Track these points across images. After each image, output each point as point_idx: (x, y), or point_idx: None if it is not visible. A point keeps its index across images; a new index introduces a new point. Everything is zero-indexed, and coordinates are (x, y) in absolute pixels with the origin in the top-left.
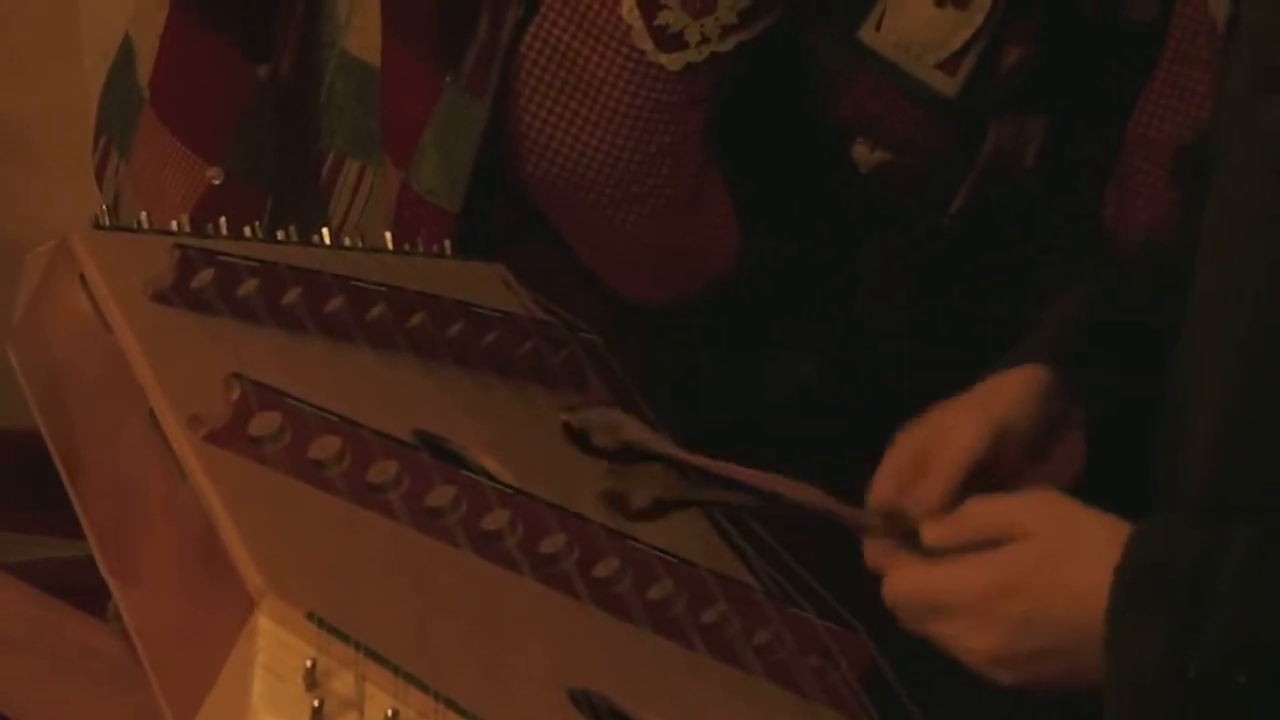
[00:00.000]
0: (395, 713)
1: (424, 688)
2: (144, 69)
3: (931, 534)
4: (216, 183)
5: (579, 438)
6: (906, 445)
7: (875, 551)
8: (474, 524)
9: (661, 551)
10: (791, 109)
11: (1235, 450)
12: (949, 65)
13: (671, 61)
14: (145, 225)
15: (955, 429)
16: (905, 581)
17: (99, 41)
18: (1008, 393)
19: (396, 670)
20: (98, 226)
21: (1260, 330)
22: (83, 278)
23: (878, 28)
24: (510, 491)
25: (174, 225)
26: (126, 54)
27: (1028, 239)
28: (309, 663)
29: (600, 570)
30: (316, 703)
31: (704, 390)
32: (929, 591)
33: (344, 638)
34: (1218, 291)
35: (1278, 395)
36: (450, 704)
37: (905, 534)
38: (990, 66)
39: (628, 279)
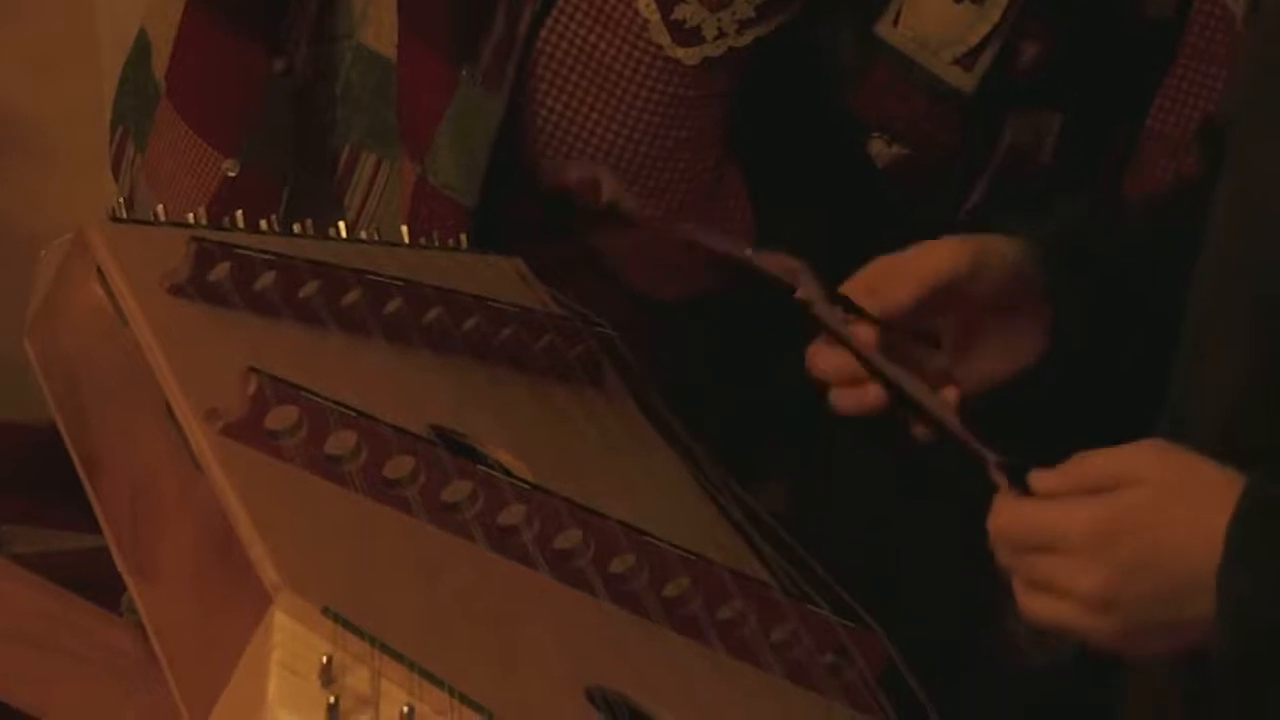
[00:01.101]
0: (411, 708)
1: (439, 684)
2: (160, 62)
3: (1042, 481)
4: (232, 175)
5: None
6: (886, 258)
7: (819, 355)
8: (490, 519)
9: (678, 548)
10: (808, 103)
11: (1254, 416)
12: (966, 60)
13: (688, 56)
14: (162, 218)
15: (935, 247)
16: (1015, 513)
17: (116, 39)
18: (994, 240)
19: (412, 666)
20: (114, 219)
21: (1275, 295)
22: (99, 270)
23: (895, 22)
24: (526, 487)
25: (190, 218)
26: (142, 47)
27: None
28: (325, 658)
29: (616, 567)
30: (332, 699)
31: (718, 383)
32: (1040, 524)
33: (360, 633)
34: (1240, 256)
35: None
36: (465, 700)
37: (1012, 475)
38: (1007, 62)
39: (642, 273)
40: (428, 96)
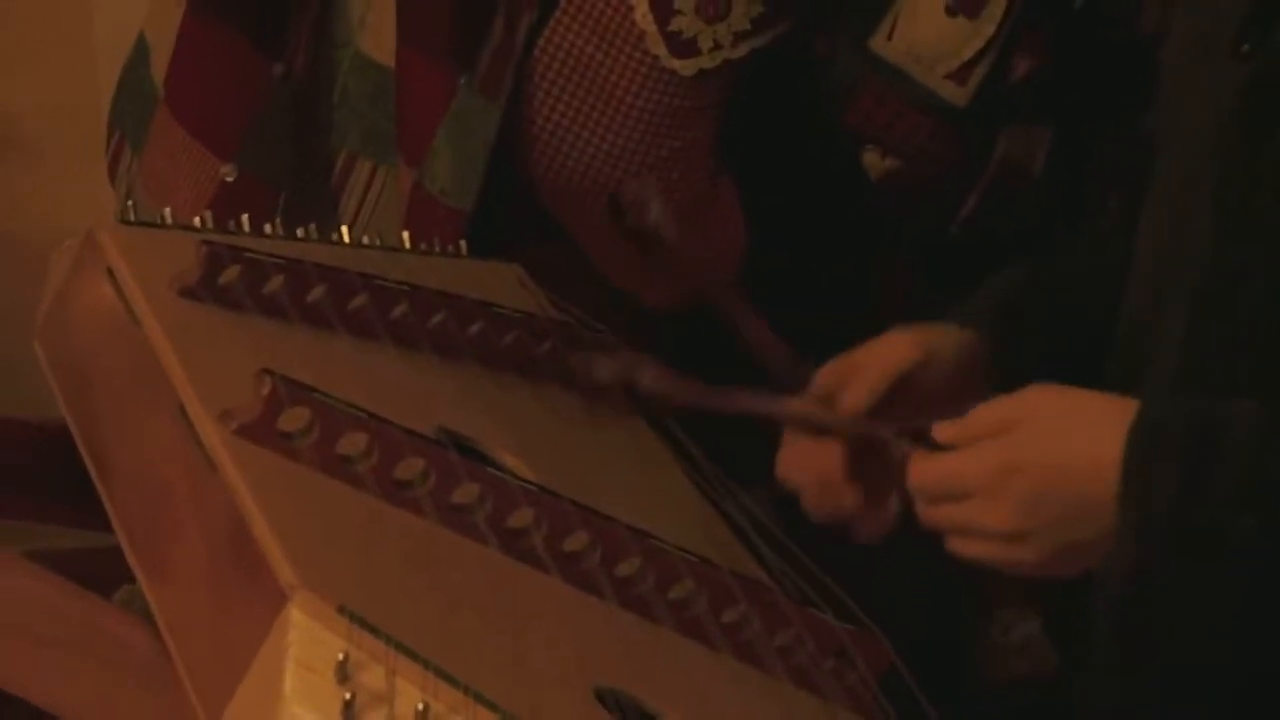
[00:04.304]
0: (425, 706)
1: (454, 682)
2: (159, 66)
3: (943, 432)
4: (230, 180)
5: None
6: (847, 356)
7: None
8: (499, 521)
9: (683, 551)
10: (802, 116)
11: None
12: (960, 75)
13: (684, 67)
14: (169, 221)
15: (888, 345)
16: (923, 468)
17: (112, 40)
18: (940, 333)
19: (426, 664)
20: (124, 221)
21: (1210, 278)
22: (110, 272)
23: (889, 37)
24: (535, 489)
25: (197, 221)
26: (141, 51)
27: (1034, 247)
28: (341, 656)
29: (623, 569)
30: (348, 696)
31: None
32: (946, 474)
33: (375, 632)
34: (1169, 248)
35: (1228, 342)
36: (479, 698)
37: (919, 439)
38: (1000, 77)
39: (636, 282)
40: (426, 104)
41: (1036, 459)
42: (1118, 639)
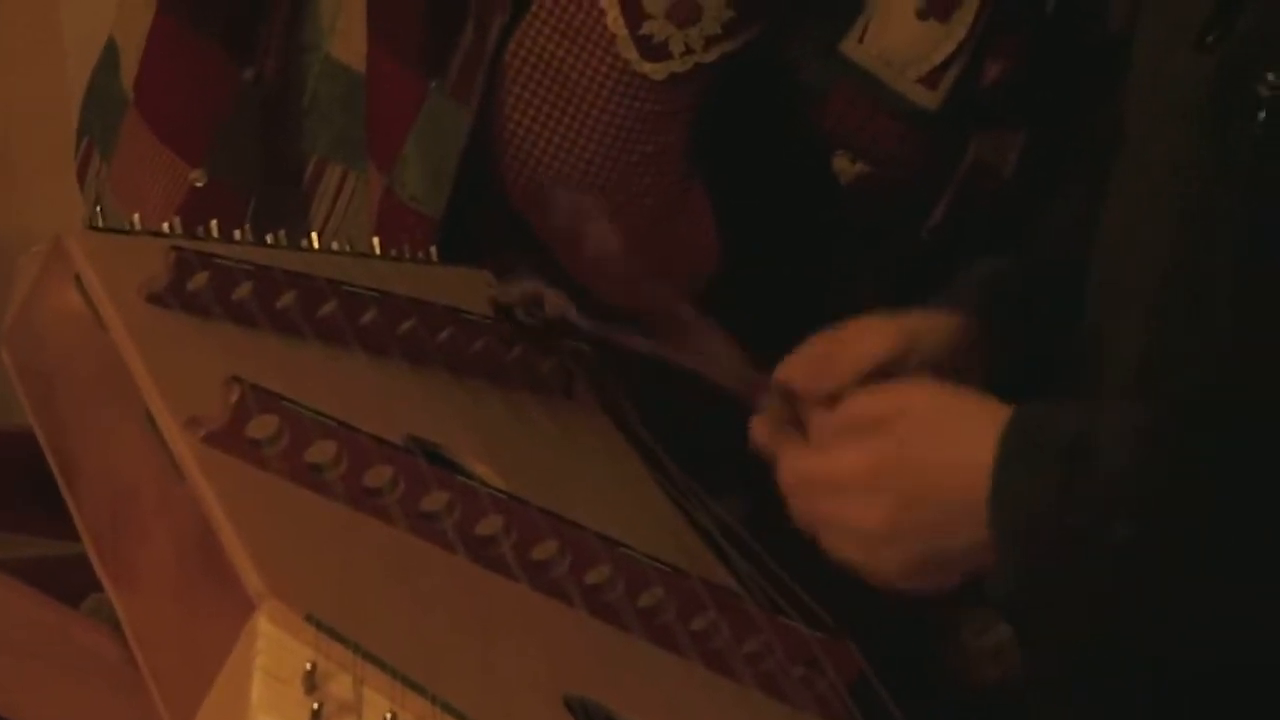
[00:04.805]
0: (393, 715)
1: (422, 691)
2: (128, 71)
3: (818, 420)
4: (199, 185)
5: (506, 312)
6: (821, 339)
7: (761, 430)
8: (468, 529)
9: (652, 559)
10: (773, 120)
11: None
12: (931, 79)
13: (655, 71)
14: (138, 227)
15: (867, 330)
16: (794, 463)
17: (81, 44)
18: (922, 318)
19: (394, 673)
20: (92, 227)
21: (1173, 272)
22: (78, 278)
23: (860, 40)
24: (504, 497)
25: (166, 227)
26: (110, 56)
27: (1004, 251)
28: (308, 665)
29: (592, 577)
30: (316, 705)
31: (685, 396)
32: (817, 470)
33: (343, 640)
34: (1130, 241)
35: (1190, 340)
36: (448, 708)
37: (796, 421)
38: (972, 80)
39: (606, 287)
40: (396, 108)
41: (913, 459)
42: (1023, 647)
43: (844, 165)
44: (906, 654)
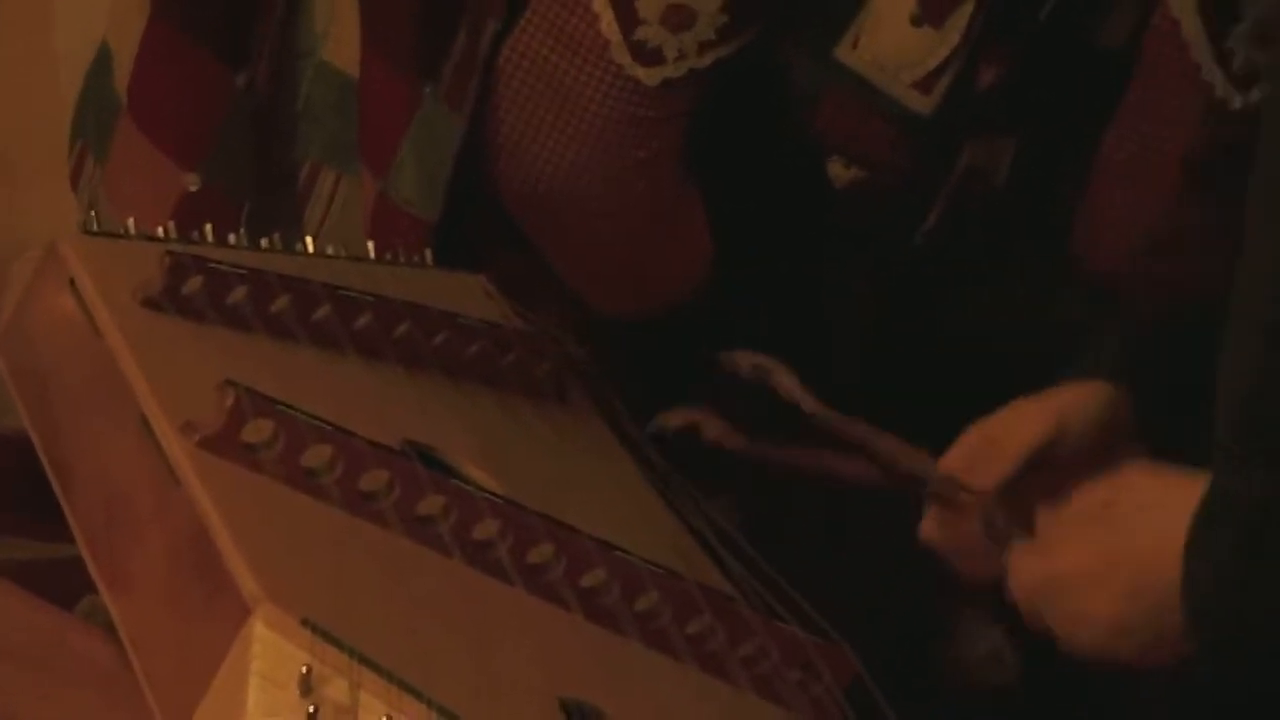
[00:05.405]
0: (389, 719)
1: (417, 695)
2: (121, 75)
3: (1043, 520)
4: (193, 189)
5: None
6: (976, 431)
7: (932, 527)
8: (464, 533)
9: (648, 563)
10: (767, 126)
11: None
12: (924, 84)
13: (649, 76)
14: (132, 231)
15: (1020, 417)
16: (1023, 570)
17: (74, 49)
18: (1071, 395)
19: (390, 677)
20: (87, 231)
21: None
22: (72, 282)
23: (854, 46)
24: (499, 501)
25: (160, 231)
26: (103, 60)
27: (996, 258)
28: (304, 669)
29: (588, 581)
30: (311, 709)
31: (677, 401)
32: (1048, 572)
33: (338, 644)
34: (1255, 266)
35: None
36: (444, 712)
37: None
38: (966, 86)
39: (600, 292)
40: (390, 113)
41: (1138, 549)
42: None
43: (838, 170)
44: (902, 658)
